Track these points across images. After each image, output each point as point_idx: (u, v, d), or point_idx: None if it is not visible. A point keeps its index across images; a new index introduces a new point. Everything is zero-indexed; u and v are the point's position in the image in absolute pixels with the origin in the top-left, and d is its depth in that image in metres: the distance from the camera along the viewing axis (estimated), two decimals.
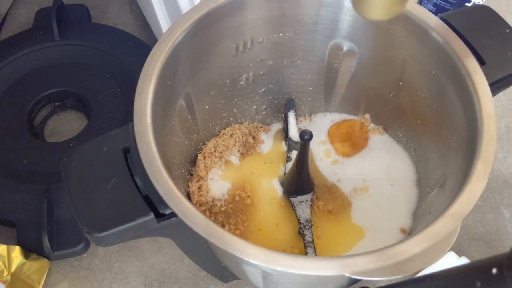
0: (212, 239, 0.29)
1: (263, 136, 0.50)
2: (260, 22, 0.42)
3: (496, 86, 0.38)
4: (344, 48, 0.45)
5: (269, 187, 0.46)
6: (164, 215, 0.31)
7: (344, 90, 0.49)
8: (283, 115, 0.51)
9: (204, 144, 0.48)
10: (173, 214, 0.31)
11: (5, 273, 0.44)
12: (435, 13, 0.57)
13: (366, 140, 0.50)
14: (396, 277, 0.29)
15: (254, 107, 0.50)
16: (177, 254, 0.50)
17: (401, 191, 0.46)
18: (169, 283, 0.48)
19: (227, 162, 0.48)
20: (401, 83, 0.44)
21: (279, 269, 0.29)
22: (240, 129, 0.50)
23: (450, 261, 0.46)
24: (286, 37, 0.44)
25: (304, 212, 0.44)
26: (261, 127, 0.51)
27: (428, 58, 0.40)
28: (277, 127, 0.52)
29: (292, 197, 0.45)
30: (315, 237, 0.43)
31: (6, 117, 0.56)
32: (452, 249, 0.48)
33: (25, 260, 0.45)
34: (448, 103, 0.39)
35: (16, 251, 0.45)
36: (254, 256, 0.29)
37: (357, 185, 0.47)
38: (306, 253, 0.41)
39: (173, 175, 0.37)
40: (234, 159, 0.48)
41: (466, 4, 0.56)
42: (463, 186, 0.32)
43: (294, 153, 0.47)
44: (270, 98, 0.50)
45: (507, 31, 0.40)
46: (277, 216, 0.45)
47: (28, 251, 0.47)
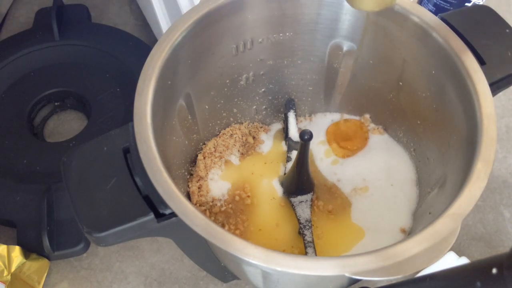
0: (212, 239, 0.29)
1: (263, 136, 0.50)
2: (260, 22, 0.42)
3: (496, 86, 0.38)
4: (344, 48, 0.45)
5: (269, 187, 0.46)
6: (164, 215, 0.31)
7: (344, 90, 0.49)
8: (283, 115, 0.51)
9: (204, 144, 0.48)
10: (173, 214, 0.31)
11: (5, 273, 0.44)
12: (435, 13, 0.57)
13: (366, 140, 0.50)
14: (396, 277, 0.29)
15: (254, 107, 0.50)
16: (177, 254, 0.50)
17: (401, 191, 0.46)
18: (169, 283, 0.48)
19: (227, 162, 0.48)
20: (401, 83, 0.44)
21: (279, 269, 0.29)
22: (240, 129, 0.50)
23: (450, 261, 0.46)
24: (286, 37, 0.44)
25: (304, 212, 0.44)
26: (261, 127, 0.51)
27: (428, 58, 0.40)
28: (277, 127, 0.52)
29: (292, 197, 0.45)
30: (315, 237, 0.43)
31: (6, 117, 0.56)
32: (452, 249, 0.48)
33: (25, 260, 0.45)
34: (448, 103, 0.39)
35: (16, 251, 0.45)
36: (254, 256, 0.29)
37: (357, 185, 0.47)
38: (306, 253, 0.41)
39: (173, 175, 0.37)
40: (234, 159, 0.48)
41: (466, 4, 0.56)
42: (463, 186, 0.32)
43: (294, 153, 0.47)
44: (270, 98, 0.50)
45: (507, 31, 0.40)
46: (277, 216, 0.45)
47: (28, 251, 0.47)
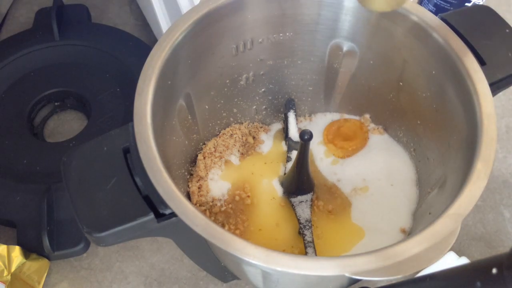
0: (212, 239, 0.29)
1: (263, 136, 0.50)
2: (260, 22, 0.42)
3: (496, 86, 0.38)
4: (344, 48, 0.45)
5: (269, 187, 0.46)
6: (164, 215, 0.31)
7: (344, 90, 0.49)
8: (283, 115, 0.51)
9: (204, 144, 0.48)
10: (173, 214, 0.31)
11: (5, 273, 0.44)
12: (435, 13, 0.57)
13: (366, 140, 0.50)
14: (396, 277, 0.29)
15: (254, 107, 0.50)
16: (177, 254, 0.50)
17: (401, 191, 0.46)
18: (169, 283, 0.48)
19: (227, 162, 0.48)
20: (401, 83, 0.44)
21: (279, 269, 0.29)
22: (240, 129, 0.50)
23: (450, 261, 0.46)
24: (286, 37, 0.44)
25: (304, 212, 0.44)
26: (261, 127, 0.51)
27: (428, 58, 0.40)
28: (277, 127, 0.52)
29: (292, 197, 0.45)
30: (315, 237, 0.43)
31: (6, 117, 0.56)
32: (452, 249, 0.48)
33: (25, 260, 0.45)
34: (448, 103, 0.39)
35: (16, 251, 0.45)
36: (254, 256, 0.29)
37: (357, 185, 0.47)
38: (306, 253, 0.41)
39: (173, 175, 0.37)
40: (234, 159, 0.48)
41: (466, 4, 0.56)
42: (463, 186, 0.32)
43: (294, 153, 0.47)
44: (270, 98, 0.50)
45: (507, 31, 0.40)
46: (277, 216, 0.45)
47: (28, 251, 0.47)
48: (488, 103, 0.35)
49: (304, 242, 0.42)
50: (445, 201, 0.35)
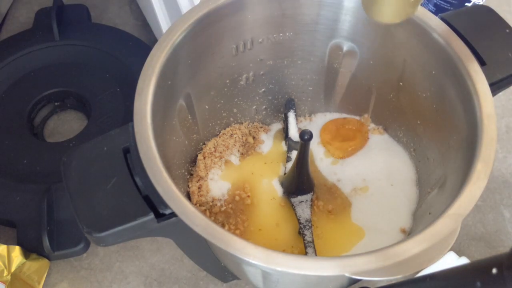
0: (212, 239, 0.29)
1: (263, 136, 0.50)
2: (260, 22, 0.42)
3: (496, 86, 0.38)
4: (344, 48, 0.45)
5: (269, 187, 0.46)
6: (164, 215, 0.31)
7: (344, 90, 0.49)
8: (283, 115, 0.51)
9: (204, 144, 0.48)
10: (173, 214, 0.31)
11: (5, 273, 0.44)
12: (435, 13, 0.57)
13: (366, 140, 0.50)
14: (396, 277, 0.29)
15: (254, 107, 0.50)
16: (177, 254, 0.50)
17: (401, 191, 0.46)
18: (169, 283, 0.48)
19: (227, 162, 0.48)
20: (401, 83, 0.44)
21: (279, 269, 0.29)
22: (240, 129, 0.50)
23: (450, 261, 0.46)
24: (286, 37, 0.44)
25: (304, 212, 0.44)
26: (261, 127, 0.51)
27: (428, 58, 0.40)
28: (277, 127, 0.52)
29: (292, 197, 0.45)
30: (315, 237, 0.43)
31: (6, 117, 0.56)
32: (452, 249, 0.48)
33: (25, 260, 0.45)
34: (448, 103, 0.39)
35: (16, 251, 0.45)
36: (254, 256, 0.29)
37: (357, 185, 0.47)
38: (306, 253, 0.41)
39: (173, 175, 0.37)
40: (234, 159, 0.48)
41: (466, 4, 0.56)
42: (463, 186, 0.32)
43: (294, 153, 0.47)
44: (270, 98, 0.50)
45: (507, 31, 0.40)
46: (277, 216, 0.45)
47: (28, 251, 0.47)
48: (488, 103, 0.35)
49: (304, 242, 0.42)
50: (445, 201, 0.35)
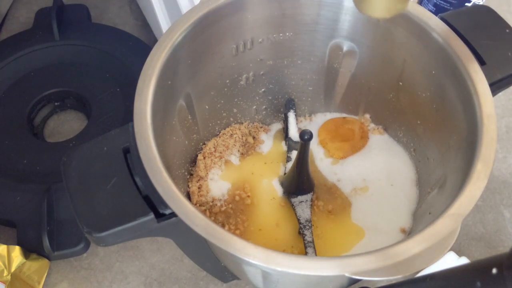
0: (212, 239, 0.29)
1: (263, 136, 0.50)
2: (260, 22, 0.42)
3: (496, 86, 0.38)
4: (344, 48, 0.45)
5: (269, 187, 0.46)
6: (164, 215, 0.31)
7: (344, 90, 0.49)
8: (283, 115, 0.51)
9: (204, 144, 0.48)
10: (173, 214, 0.31)
11: (5, 273, 0.44)
12: (435, 13, 0.57)
13: (366, 140, 0.50)
14: (396, 277, 0.29)
15: (254, 107, 0.50)
16: (177, 254, 0.50)
17: (401, 191, 0.46)
18: (169, 283, 0.48)
19: (227, 162, 0.48)
20: (401, 83, 0.44)
21: (279, 269, 0.29)
22: (240, 129, 0.50)
23: (450, 261, 0.46)
24: (286, 37, 0.44)
25: (304, 212, 0.44)
26: (261, 127, 0.51)
27: (428, 58, 0.40)
28: (277, 127, 0.52)
29: (292, 197, 0.45)
30: (315, 237, 0.43)
31: (6, 117, 0.56)
32: (452, 249, 0.48)
33: (25, 260, 0.45)
34: (448, 103, 0.39)
35: (16, 251, 0.45)
36: (254, 256, 0.29)
37: (357, 185, 0.47)
38: (306, 253, 0.41)
39: (173, 175, 0.37)
40: (234, 159, 0.48)
41: (466, 4, 0.56)
42: (463, 186, 0.32)
43: (294, 153, 0.47)
44: (270, 98, 0.50)
45: (507, 31, 0.40)
46: (277, 216, 0.45)
47: (28, 251, 0.47)
48: (488, 103, 0.35)
49: (304, 242, 0.42)
50: (445, 201, 0.35)
